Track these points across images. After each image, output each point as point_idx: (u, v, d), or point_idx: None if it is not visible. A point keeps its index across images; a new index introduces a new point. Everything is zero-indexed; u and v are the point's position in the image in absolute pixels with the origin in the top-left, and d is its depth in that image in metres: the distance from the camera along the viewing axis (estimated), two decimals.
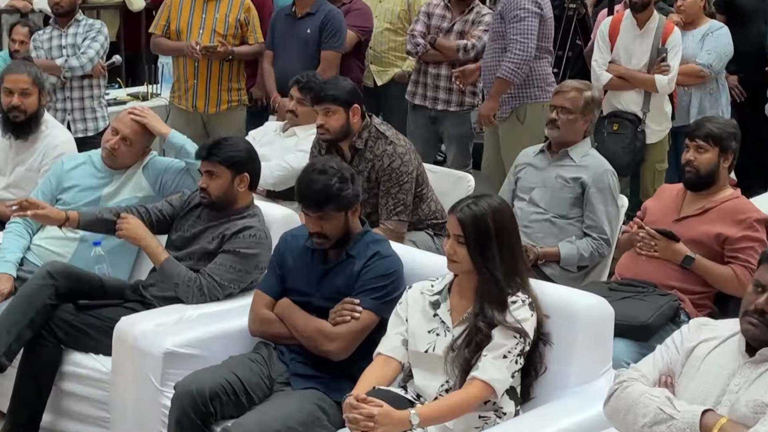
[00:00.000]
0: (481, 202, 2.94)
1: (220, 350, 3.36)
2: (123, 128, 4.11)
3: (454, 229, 2.93)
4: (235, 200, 3.71)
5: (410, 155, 4.29)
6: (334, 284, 3.30)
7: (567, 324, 3.00)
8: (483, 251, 2.90)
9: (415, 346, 3.01)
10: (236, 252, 3.61)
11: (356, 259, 3.28)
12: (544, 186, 4.26)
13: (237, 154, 3.67)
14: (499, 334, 2.88)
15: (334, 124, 4.25)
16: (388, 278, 3.24)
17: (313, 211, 3.25)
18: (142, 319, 3.47)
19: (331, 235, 3.28)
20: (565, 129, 4.22)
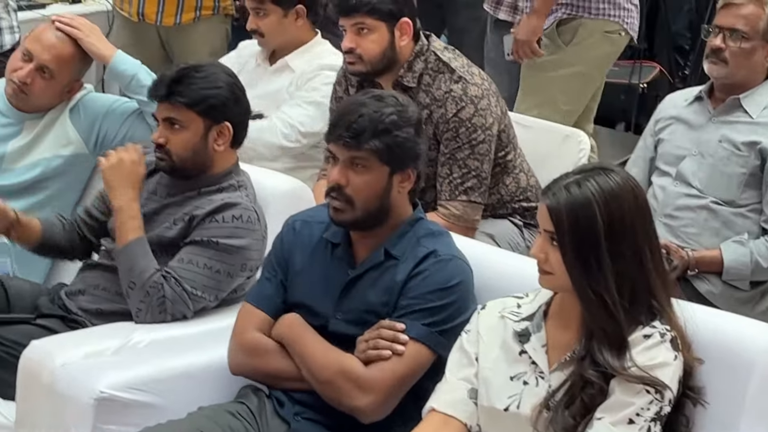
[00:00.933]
0: (589, 182, 2.92)
1: (183, 397, 3.39)
2: (40, 52, 4.16)
3: (544, 223, 2.94)
4: (210, 163, 3.76)
5: (489, 99, 4.31)
6: (364, 299, 3.32)
7: (732, 373, 2.98)
8: (585, 261, 2.89)
9: (489, 399, 3.03)
10: (213, 243, 3.65)
11: (400, 261, 3.30)
12: (701, 154, 4.27)
13: (214, 92, 3.71)
14: (622, 387, 2.87)
15: (372, 47, 4.29)
16: (449, 293, 3.25)
17: (345, 145, 3.26)
18: (65, 345, 3.49)
19: (360, 201, 3.28)
20: (737, 64, 4.23)
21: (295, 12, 4.90)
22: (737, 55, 4.23)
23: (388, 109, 3.29)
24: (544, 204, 2.94)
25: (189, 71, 3.73)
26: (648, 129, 4.48)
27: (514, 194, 4.46)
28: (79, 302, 3.80)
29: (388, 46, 4.30)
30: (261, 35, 4.94)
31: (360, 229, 3.35)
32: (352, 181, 3.28)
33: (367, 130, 3.25)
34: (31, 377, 3.45)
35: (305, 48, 4.96)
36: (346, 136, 3.26)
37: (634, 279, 2.92)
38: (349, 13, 4.30)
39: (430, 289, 3.26)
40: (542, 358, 3.00)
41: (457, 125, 4.24)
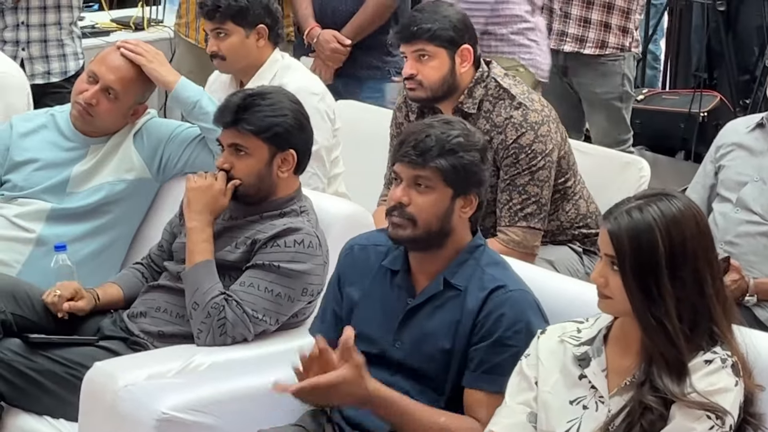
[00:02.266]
0: (651, 207, 2.91)
1: (243, 419, 3.40)
2: (105, 73, 4.19)
3: (605, 247, 2.92)
4: (273, 189, 3.78)
5: (549, 126, 4.31)
6: (425, 329, 3.30)
7: None
8: (646, 287, 2.87)
9: (549, 424, 3.01)
10: (275, 267, 3.66)
11: (464, 291, 3.28)
12: (763, 180, 4.25)
13: (279, 120, 3.72)
14: (683, 412, 2.85)
15: (432, 74, 4.29)
16: (522, 333, 3.21)
17: (410, 164, 3.26)
18: (127, 367, 3.51)
19: (422, 221, 3.26)
20: None
21: (257, 32, 4.80)
22: None
23: (455, 131, 3.29)
24: (605, 228, 2.92)
25: (255, 98, 3.74)
26: (709, 155, 4.45)
27: (573, 221, 4.46)
28: (141, 324, 3.81)
29: (448, 72, 4.30)
30: (222, 58, 4.79)
31: (418, 249, 3.33)
32: (414, 200, 3.26)
33: (434, 148, 3.24)
34: (94, 398, 3.47)
35: (261, 71, 4.83)
36: (413, 154, 3.25)
37: (694, 305, 2.90)
38: (410, 40, 4.30)
39: (505, 331, 3.22)
40: (602, 382, 2.98)
41: (517, 151, 4.24)
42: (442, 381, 3.28)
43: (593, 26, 5.77)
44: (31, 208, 4.21)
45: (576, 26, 5.79)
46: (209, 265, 3.70)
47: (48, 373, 3.69)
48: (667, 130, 7.19)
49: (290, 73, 4.84)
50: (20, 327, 3.77)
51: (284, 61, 4.88)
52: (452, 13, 4.34)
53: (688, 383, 2.86)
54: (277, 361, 3.54)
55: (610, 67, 5.87)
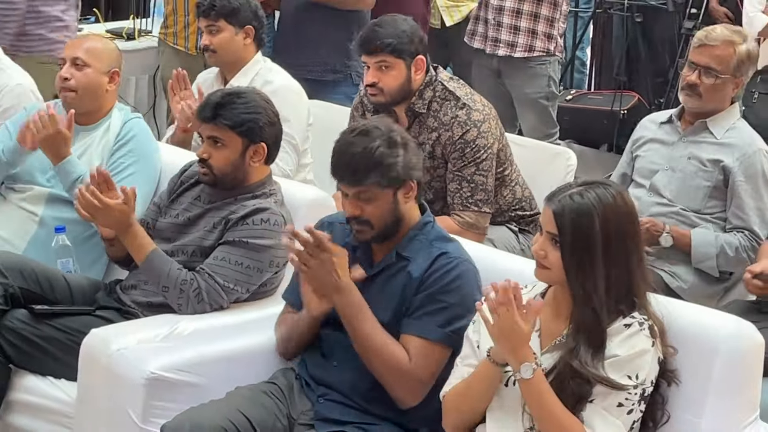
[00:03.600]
0: (590, 192, 2.91)
1: (223, 378, 3.39)
2: (70, 51, 4.20)
3: (547, 225, 2.93)
4: (246, 176, 3.77)
5: (490, 123, 4.31)
6: (383, 294, 3.30)
7: (700, 357, 2.97)
8: (581, 263, 2.89)
9: None
10: (243, 243, 3.65)
11: (412, 261, 3.28)
12: (672, 169, 4.26)
13: (255, 117, 3.71)
14: (611, 372, 2.86)
15: (392, 83, 4.28)
16: (459, 291, 3.22)
17: (348, 184, 3.26)
18: (120, 333, 3.50)
19: (376, 222, 3.28)
20: (709, 98, 4.21)
21: (245, 32, 4.81)
22: (709, 89, 4.18)
23: (375, 142, 3.25)
24: (549, 209, 2.93)
25: (232, 97, 3.73)
26: (627, 146, 4.47)
27: (510, 204, 4.45)
28: (132, 296, 3.80)
29: (405, 80, 4.28)
30: (213, 51, 4.80)
31: (382, 242, 3.34)
32: (364, 210, 3.26)
33: (362, 168, 3.23)
34: (91, 361, 3.46)
35: (245, 68, 4.83)
36: (347, 177, 3.26)
37: (621, 277, 2.91)
38: (372, 53, 4.28)
39: (442, 287, 3.23)
40: (535, 341, 2.98)
41: (463, 146, 4.23)
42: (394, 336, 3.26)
43: (522, 33, 5.77)
44: (32, 193, 4.18)
45: (507, 33, 5.79)
46: (157, 253, 3.68)
47: (51, 340, 3.68)
48: (592, 125, 7.21)
49: (273, 73, 4.84)
50: (26, 299, 3.74)
51: (266, 64, 4.89)
52: (408, 28, 4.31)
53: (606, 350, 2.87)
54: (251, 327, 3.57)
55: (537, 70, 5.87)
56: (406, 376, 3.20)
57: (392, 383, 3.22)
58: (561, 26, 5.89)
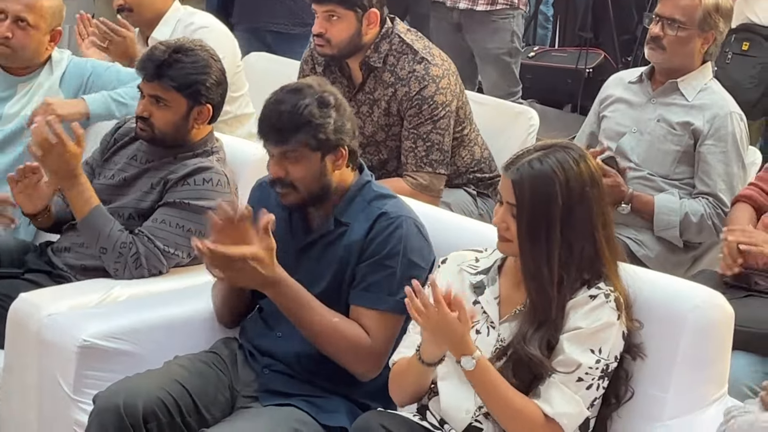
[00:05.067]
0: (550, 158, 2.89)
1: (160, 347, 3.37)
2: (12, 5, 4.12)
3: (506, 195, 2.91)
4: (188, 136, 3.74)
5: (449, 79, 4.30)
6: (321, 262, 3.29)
7: (667, 329, 2.98)
8: (536, 236, 2.87)
9: None
10: (184, 204, 3.63)
11: (352, 225, 3.27)
12: (640, 132, 4.27)
13: (202, 77, 3.68)
14: (572, 345, 2.86)
15: (340, 34, 4.26)
16: (404, 254, 3.20)
17: (274, 143, 3.24)
18: (51, 298, 3.48)
19: (302, 186, 3.25)
20: (674, 51, 4.21)
21: None
22: (674, 42, 4.20)
23: (306, 100, 3.23)
24: (508, 178, 2.89)
25: (180, 54, 3.68)
26: (594, 106, 4.48)
27: (469, 166, 4.45)
28: (65, 258, 3.77)
29: (355, 33, 4.27)
30: (129, 10, 4.76)
31: (309, 206, 3.32)
32: (290, 171, 3.24)
33: (289, 125, 3.20)
34: (19, 327, 3.43)
35: (165, 18, 4.79)
36: (272, 136, 3.23)
37: (584, 246, 2.89)
38: (321, 1, 4.26)
39: (387, 252, 3.21)
40: (494, 309, 2.98)
41: (420, 102, 4.21)
42: (330, 300, 3.25)
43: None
44: None
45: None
46: (99, 211, 3.65)
47: None
48: (555, 84, 7.21)
49: (194, 16, 4.80)
50: None
51: (187, 10, 4.84)
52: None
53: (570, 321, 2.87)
54: (191, 293, 3.55)
55: (500, 24, 5.87)
56: (364, 352, 3.19)
57: (351, 361, 3.22)
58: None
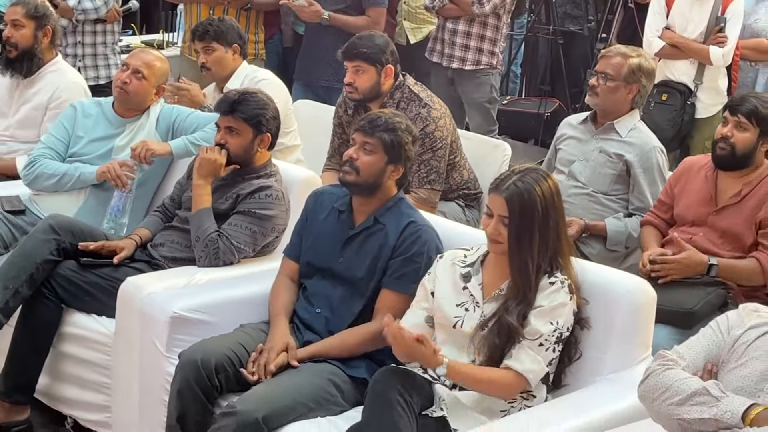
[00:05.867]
0: (527, 178, 2.89)
1: (230, 317, 3.36)
2: (134, 62, 4.11)
3: (499, 210, 2.89)
4: (253, 159, 3.71)
5: (445, 120, 4.27)
6: (360, 252, 3.28)
7: (606, 307, 2.98)
8: (522, 235, 2.87)
9: (443, 319, 3.00)
10: (252, 213, 3.61)
11: (387, 227, 3.25)
12: (586, 160, 4.23)
13: (263, 112, 3.66)
14: (536, 319, 2.86)
15: (364, 83, 4.24)
16: (424, 255, 3.20)
17: (363, 131, 3.26)
18: (150, 281, 3.47)
19: (363, 172, 3.24)
20: (605, 97, 4.17)
21: (233, 49, 4.67)
22: (605, 91, 4.16)
23: (399, 119, 3.30)
24: (499, 196, 2.88)
25: (246, 94, 3.69)
26: (552, 142, 4.45)
27: (459, 185, 4.41)
28: (160, 251, 3.75)
29: (375, 83, 4.24)
30: (208, 69, 4.68)
31: (357, 193, 3.30)
32: (360, 158, 3.25)
33: (382, 126, 3.25)
34: (126, 303, 3.43)
35: (236, 75, 4.70)
36: (366, 126, 3.26)
37: (549, 244, 2.90)
38: (351, 58, 4.24)
39: (415, 252, 3.20)
40: (479, 292, 2.98)
41: (423, 137, 4.18)
42: (366, 287, 3.25)
43: (471, 50, 5.73)
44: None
45: (460, 50, 5.74)
46: (208, 211, 3.63)
47: (95, 285, 3.63)
48: (523, 124, 7.17)
49: (258, 72, 4.76)
50: (77, 251, 3.69)
51: (251, 67, 4.79)
52: (382, 42, 4.27)
53: (535, 301, 2.87)
54: (254, 278, 3.54)
55: (483, 80, 5.82)
56: (378, 339, 3.11)
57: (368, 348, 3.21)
58: (501, 45, 5.86)
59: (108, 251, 3.69)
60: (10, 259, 3.64)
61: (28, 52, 4.53)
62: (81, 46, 5.72)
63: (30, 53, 4.54)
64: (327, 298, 3.30)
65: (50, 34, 4.59)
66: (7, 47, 4.54)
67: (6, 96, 4.64)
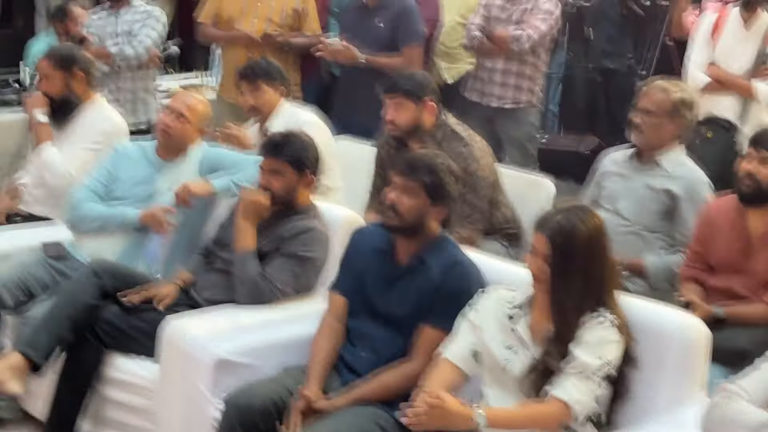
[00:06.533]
0: (572, 216, 2.86)
1: (275, 360, 3.35)
2: (176, 105, 4.14)
3: (541, 248, 2.86)
4: (296, 200, 3.71)
5: (487, 158, 4.25)
6: (406, 291, 3.26)
7: (655, 344, 2.93)
8: (563, 274, 2.84)
9: (491, 360, 2.96)
10: (295, 255, 3.62)
11: (432, 266, 3.23)
12: (631, 196, 4.19)
13: (306, 154, 3.67)
14: (581, 352, 2.82)
15: (404, 119, 4.22)
16: (469, 294, 3.16)
17: (401, 173, 3.24)
18: (193, 323, 3.47)
19: (405, 215, 3.23)
20: (650, 134, 4.15)
21: (278, 90, 4.71)
22: (649, 127, 4.14)
23: (440, 160, 3.28)
24: (543, 235, 2.85)
25: (289, 137, 3.71)
26: (594, 179, 4.41)
27: (501, 223, 4.37)
28: (203, 295, 3.75)
29: (416, 119, 4.22)
30: (256, 109, 4.69)
31: (400, 235, 3.29)
32: (401, 201, 3.23)
33: (422, 168, 3.22)
34: (171, 346, 3.43)
35: (277, 113, 4.71)
36: (406, 169, 3.23)
37: (597, 281, 2.86)
38: (391, 93, 4.23)
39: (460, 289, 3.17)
40: (527, 335, 2.94)
41: (465, 176, 4.11)
42: (410, 328, 3.22)
43: (510, 88, 5.73)
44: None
45: (499, 88, 5.75)
46: (253, 253, 3.64)
47: (137, 328, 3.64)
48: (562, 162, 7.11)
49: (299, 112, 4.76)
50: (118, 296, 3.70)
51: (292, 107, 4.79)
52: (423, 78, 4.27)
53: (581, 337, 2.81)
54: (296, 319, 3.53)
55: (522, 118, 5.82)
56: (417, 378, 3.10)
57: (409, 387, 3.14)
58: (540, 82, 5.86)
59: (151, 298, 3.70)
60: (53, 304, 3.66)
61: (63, 100, 4.60)
62: (121, 91, 5.77)
63: (66, 101, 4.60)
64: (370, 338, 3.28)
65: (83, 76, 4.62)
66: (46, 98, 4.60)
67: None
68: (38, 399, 3.71)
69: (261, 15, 5.72)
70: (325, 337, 3.33)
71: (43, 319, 3.62)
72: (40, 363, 3.56)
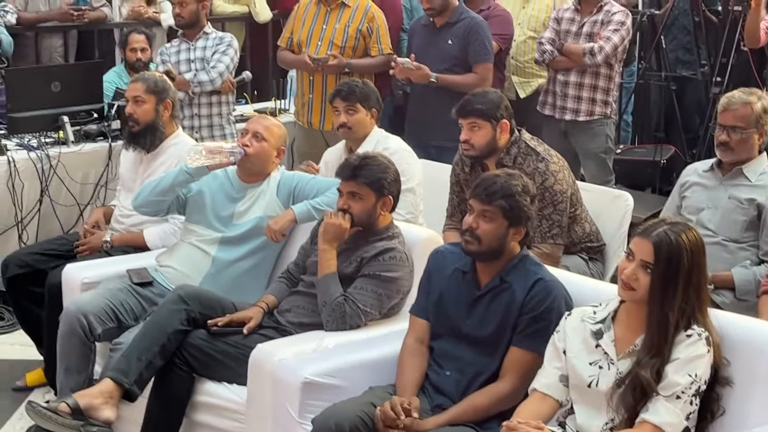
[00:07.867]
0: (676, 228, 2.86)
1: (360, 380, 3.37)
2: (253, 126, 4.20)
3: (643, 254, 2.85)
4: (376, 222, 3.74)
5: (564, 173, 4.25)
6: (489, 312, 3.27)
7: (748, 358, 2.90)
8: (667, 287, 2.82)
9: (576, 379, 2.96)
10: (377, 276, 3.63)
11: (514, 286, 3.24)
12: (715, 207, 4.16)
13: (384, 176, 3.69)
14: (673, 372, 2.81)
15: (480, 140, 4.23)
16: (554, 311, 3.17)
17: (480, 200, 3.24)
18: (280, 347, 3.50)
19: (485, 240, 3.23)
20: (740, 149, 4.13)
21: (371, 114, 4.70)
22: (739, 144, 4.12)
23: (515, 182, 3.26)
24: (646, 240, 2.84)
25: (367, 160, 3.73)
26: (675, 189, 4.38)
27: (581, 238, 4.37)
28: (287, 317, 3.79)
29: (492, 139, 4.23)
30: (349, 128, 4.68)
31: (481, 260, 3.30)
32: (480, 226, 3.24)
33: (498, 192, 3.22)
34: (258, 369, 3.47)
35: (368, 139, 4.72)
36: (483, 194, 3.23)
37: (694, 298, 2.85)
38: (466, 115, 4.25)
39: (545, 308, 3.18)
40: (612, 349, 2.93)
41: (543, 191, 4.16)
42: (495, 347, 3.23)
43: (584, 101, 5.71)
44: (209, 237, 4.18)
45: (572, 102, 5.73)
46: (334, 276, 3.67)
47: (225, 353, 3.68)
48: (638, 173, 7.08)
49: (389, 140, 4.77)
50: (206, 320, 3.75)
51: (383, 133, 4.80)
52: (496, 98, 4.26)
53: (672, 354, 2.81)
54: (382, 340, 3.55)
55: (597, 130, 5.79)
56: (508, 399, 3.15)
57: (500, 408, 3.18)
58: (615, 94, 5.83)
59: (237, 322, 3.75)
60: (142, 331, 3.73)
61: (150, 126, 4.66)
62: (197, 117, 5.87)
63: (152, 127, 4.66)
64: (456, 359, 3.29)
65: (170, 107, 4.70)
66: (130, 123, 4.67)
67: (131, 170, 4.77)
68: (131, 425, 3.77)
69: (325, 38, 5.78)
70: (411, 357, 3.35)
71: (133, 345, 3.69)
72: (131, 389, 3.64)
